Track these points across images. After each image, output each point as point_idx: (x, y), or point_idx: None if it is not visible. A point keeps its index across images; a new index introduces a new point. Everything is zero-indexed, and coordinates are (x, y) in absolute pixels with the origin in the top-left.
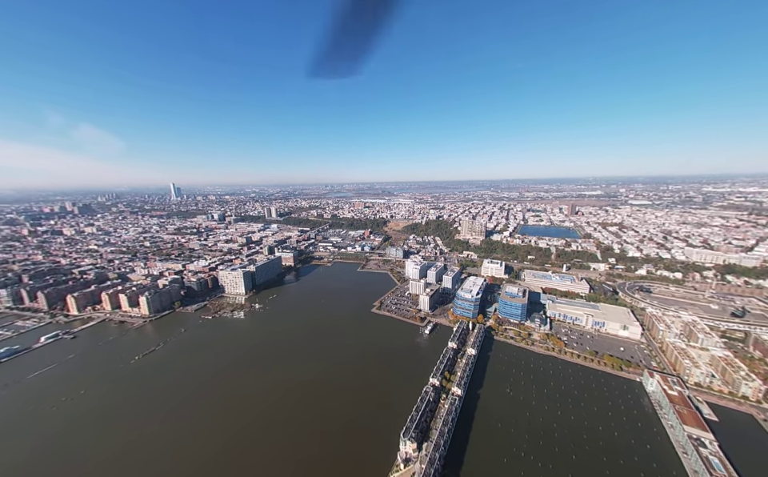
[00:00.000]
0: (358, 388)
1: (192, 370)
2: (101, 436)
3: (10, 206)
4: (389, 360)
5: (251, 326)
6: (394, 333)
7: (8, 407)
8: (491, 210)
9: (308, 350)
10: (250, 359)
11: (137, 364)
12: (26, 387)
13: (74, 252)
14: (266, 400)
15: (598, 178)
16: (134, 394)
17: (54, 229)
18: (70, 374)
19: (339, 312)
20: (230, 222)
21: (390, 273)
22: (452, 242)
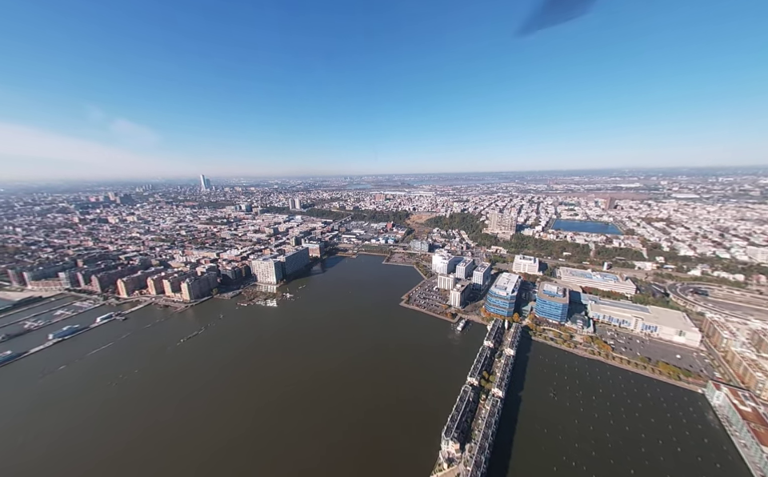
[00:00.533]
0: (392, 381)
1: (231, 353)
2: (154, 409)
3: (62, 196)
4: (421, 355)
5: (284, 315)
6: (425, 328)
7: (73, 381)
8: (519, 204)
9: (339, 341)
10: (284, 346)
11: (182, 346)
12: (87, 364)
13: (119, 239)
14: (299, 385)
15: (634, 169)
16: (180, 373)
17: (100, 217)
18: (124, 353)
19: (368, 304)
20: (257, 212)
21: (416, 267)
22: (479, 236)
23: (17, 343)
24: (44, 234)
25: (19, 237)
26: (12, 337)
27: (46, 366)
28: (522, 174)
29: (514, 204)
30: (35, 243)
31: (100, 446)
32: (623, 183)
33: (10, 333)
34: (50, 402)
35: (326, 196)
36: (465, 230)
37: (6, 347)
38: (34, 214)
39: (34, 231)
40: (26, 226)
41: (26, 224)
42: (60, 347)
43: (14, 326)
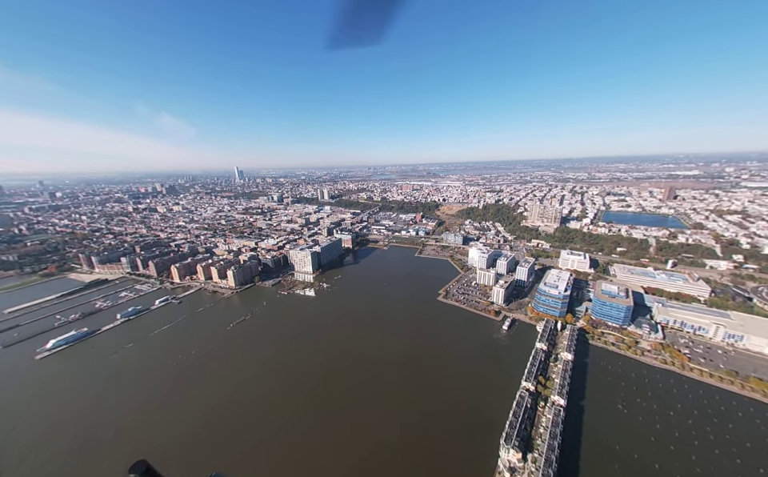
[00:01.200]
0: (438, 380)
1: (276, 339)
2: (212, 388)
3: (117, 187)
4: (466, 354)
5: (322, 305)
6: (467, 325)
7: (139, 359)
8: (559, 194)
9: (379, 333)
10: (325, 335)
11: (232, 330)
12: (150, 343)
13: (167, 227)
14: (345, 376)
15: (691, 154)
16: (232, 355)
17: (150, 207)
18: (182, 335)
19: (405, 297)
20: (288, 203)
21: (451, 260)
22: (517, 228)
23: (91, 321)
24: (105, 222)
25: (85, 224)
26: (87, 315)
27: (116, 343)
28: (558, 162)
29: (553, 194)
30: (98, 230)
31: (165, 418)
32: (679, 171)
33: (84, 311)
34: (122, 375)
35: (353, 187)
36: (500, 222)
37: (83, 324)
38: (95, 203)
39: (96, 219)
40: (90, 215)
41: (89, 213)
42: (126, 326)
43: (88, 305)
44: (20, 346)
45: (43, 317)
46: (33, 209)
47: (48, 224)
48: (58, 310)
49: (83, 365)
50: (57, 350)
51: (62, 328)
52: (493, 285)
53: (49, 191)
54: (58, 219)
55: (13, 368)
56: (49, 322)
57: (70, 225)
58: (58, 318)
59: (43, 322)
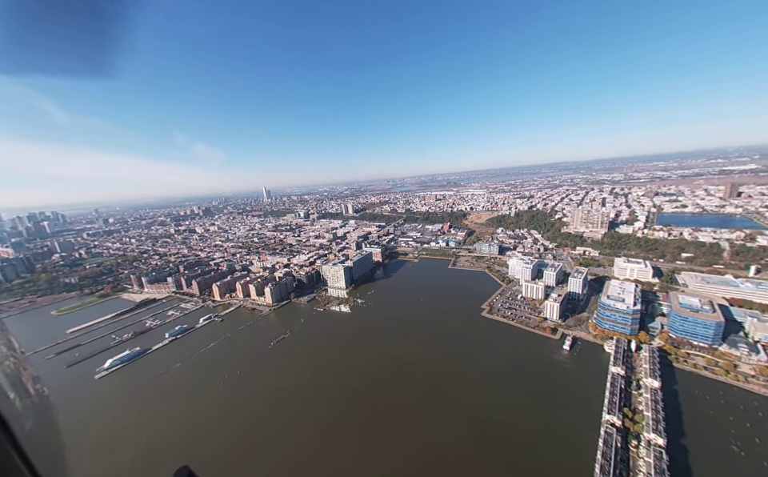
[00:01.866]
0: (496, 407)
1: (314, 356)
2: (255, 406)
3: (159, 211)
4: (527, 378)
5: (358, 321)
6: (521, 344)
7: (188, 378)
8: (599, 196)
9: (421, 352)
10: (363, 351)
11: (274, 349)
12: (197, 362)
13: (206, 247)
14: (385, 393)
15: (741, 147)
16: (276, 374)
17: (189, 228)
18: (226, 354)
19: (446, 313)
20: (314, 219)
21: (489, 271)
22: (557, 235)
23: (143, 340)
24: (151, 244)
25: (134, 246)
26: (138, 334)
27: (166, 362)
28: (587, 164)
29: (592, 197)
30: (146, 252)
31: (210, 435)
32: (731, 165)
33: (136, 330)
34: (171, 394)
35: (375, 200)
36: (536, 230)
37: (136, 344)
38: (141, 226)
39: (143, 241)
40: (138, 238)
41: (137, 236)
42: (174, 345)
43: (139, 324)
44: (81, 365)
45: (100, 336)
46: (90, 234)
47: (103, 247)
48: (113, 329)
49: (137, 383)
50: (114, 369)
51: (117, 347)
52: (542, 298)
53: (103, 218)
54: (111, 243)
55: (75, 386)
56: (105, 341)
57: (122, 248)
58: (114, 338)
59: (100, 341)
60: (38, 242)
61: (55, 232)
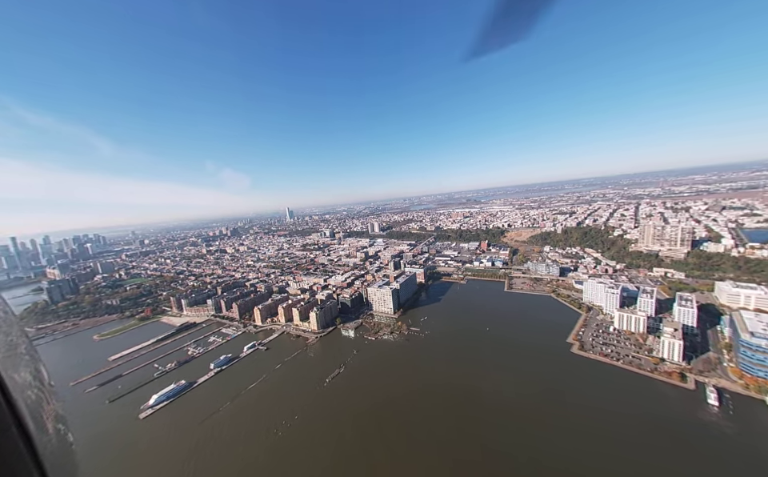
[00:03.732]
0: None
1: (375, 397)
2: (322, 460)
3: (190, 232)
4: (673, 449)
5: (419, 354)
6: (641, 395)
7: (240, 422)
8: (656, 212)
9: (516, 402)
10: (432, 393)
11: (330, 388)
12: (248, 401)
13: (239, 267)
14: (485, 454)
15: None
16: (335, 419)
17: (220, 248)
18: (279, 392)
19: (524, 348)
20: (340, 238)
21: (556, 296)
22: (624, 255)
23: (186, 371)
24: (186, 264)
25: (170, 267)
26: (182, 364)
27: (214, 400)
28: (613, 179)
29: (648, 212)
30: (182, 272)
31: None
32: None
33: (179, 359)
34: (223, 439)
35: (398, 218)
36: (592, 248)
37: (180, 375)
38: (174, 247)
39: (178, 262)
40: (173, 258)
41: (172, 256)
42: (220, 379)
43: (181, 351)
44: (124, 401)
45: (142, 365)
46: (128, 255)
47: (141, 268)
48: (156, 356)
49: (184, 424)
50: (159, 406)
51: (160, 379)
52: (644, 331)
53: (139, 239)
54: (148, 263)
55: (118, 427)
56: (148, 371)
57: (158, 268)
58: (157, 368)
59: (143, 371)
60: (82, 264)
61: (97, 253)
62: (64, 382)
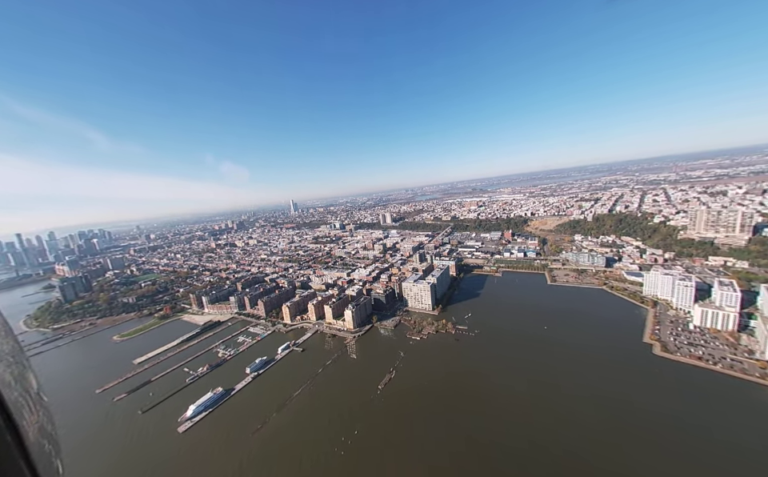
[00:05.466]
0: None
1: (437, 408)
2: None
3: (194, 226)
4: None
5: (473, 355)
6: (748, 406)
7: (293, 436)
8: (692, 196)
9: (596, 410)
10: (497, 399)
11: (384, 395)
12: (298, 410)
13: (253, 261)
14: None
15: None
16: (400, 434)
17: (229, 242)
18: (329, 400)
19: (594, 350)
20: (352, 230)
21: (609, 289)
22: (668, 242)
23: (220, 375)
24: (197, 260)
25: (181, 262)
26: (214, 367)
27: (257, 409)
28: (622, 165)
29: (683, 198)
30: (195, 267)
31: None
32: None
33: (211, 362)
34: (277, 458)
35: (408, 208)
36: (630, 236)
37: (214, 381)
38: (181, 242)
39: (189, 257)
40: (183, 253)
41: (181, 251)
42: (259, 384)
43: (210, 354)
44: (158, 411)
45: (171, 369)
46: (136, 251)
47: (151, 264)
48: (184, 359)
49: (229, 438)
50: (198, 418)
51: (194, 385)
52: (734, 330)
53: (145, 234)
54: (158, 258)
55: (158, 442)
56: (179, 376)
57: (169, 264)
58: (188, 372)
59: (173, 377)
60: (90, 259)
61: (104, 249)
62: (89, 389)
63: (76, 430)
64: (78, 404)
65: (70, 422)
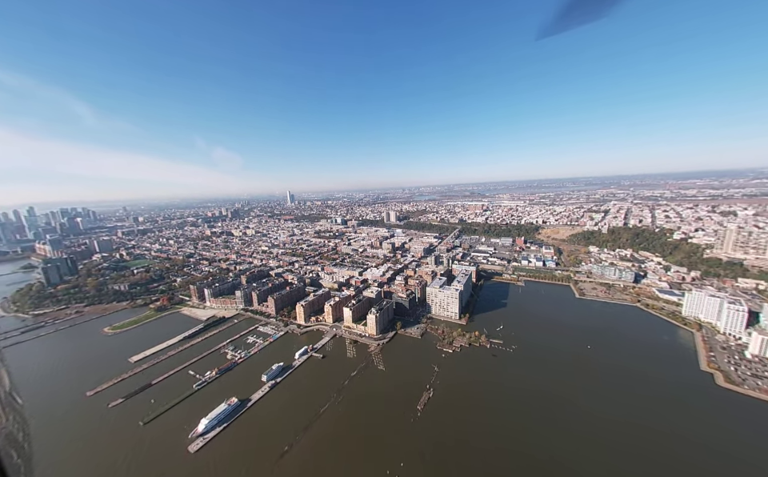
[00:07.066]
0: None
1: (488, 434)
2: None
3: (185, 211)
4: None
5: (520, 376)
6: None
7: (327, 463)
8: (704, 213)
9: (680, 451)
10: (578, 440)
11: (426, 417)
12: (324, 433)
13: (255, 253)
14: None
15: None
16: (451, 465)
17: (225, 231)
18: (362, 422)
19: (655, 383)
20: (354, 226)
21: (644, 307)
22: (692, 261)
23: (232, 383)
24: (193, 247)
25: (175, 249)
26: (223, 371)
27: (280, 427)
28: (615, 179)
29: (694, 215)
30: (191, 255)
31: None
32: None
33: (219, 366)
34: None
35: (410, 208)
36: (648, 251)
37: (225, 388)
38: (172, 227)
39: (183, 244)
40: (175, 238)
41: (173, 237)
42: (278, 396)
43: (217, 355)
44: (163, 423)
45: (174, 371)
46: (124, 233)
47: (142, 248)
48: (187, 359)
49: (251, 465)
50: (211, 435)
51: (203, 393)
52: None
53: (133, 216)
54: (149, 244)
55: (164, 464)
56: (183, 380)
57: (162, 249)
58: (194, 376)
59: (177, 380)
60: (74, 239)
61: (88, 229)
62: (78, 391)
63: (59, 443)
64: (63, 409)
65: (50, 432)
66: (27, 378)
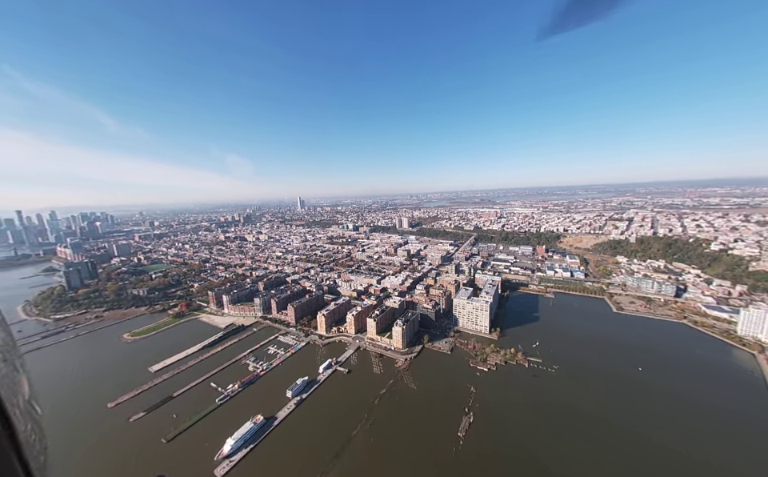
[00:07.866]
0: None
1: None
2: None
3: (199, 216)
4: None
5: (571, 403)
6: None
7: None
8: (723, 222)
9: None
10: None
11: (469, 446)
12: (359, 461)
13: (269, 259)
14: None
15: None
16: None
17: (239, 235)
18: (398, 450)
19: (715, 407)
20: (366, 232)
21: (692, 324)
22: (736, 274)
23: (256, 397)
24: (208, 252)
25: (191, 253)
26: (245, 384)
27: (312, 448)
28: (630, 186)
29: (730, 224)
30: (207, 261)
31: None
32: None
33: (242, 378)
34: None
35: (420, 215)
36: (682, 262)
37: (249, 403)
38: (187, 231)
39: (198, 248)
40: (191, 243)
41: (189, 241)
42: (305, 413)
43: (238, 366)
44: (186, 440)
45: (195, 382)
46: (141, 237)
47: (159, 252)
48: (208, 370)
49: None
50: (239, 456)
51: (226, 408)
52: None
53: (149, 221)
54: (166, 248)
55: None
56: (205, 393)
57: (179, 254)
58: (216, 389)
59: (198, 392)
60: (94, 243)
61: (106, 232)
62: (100, 403)
63: (82, 458)
64: (84, 421)
65: (71, 445)
66: (47, 386)
